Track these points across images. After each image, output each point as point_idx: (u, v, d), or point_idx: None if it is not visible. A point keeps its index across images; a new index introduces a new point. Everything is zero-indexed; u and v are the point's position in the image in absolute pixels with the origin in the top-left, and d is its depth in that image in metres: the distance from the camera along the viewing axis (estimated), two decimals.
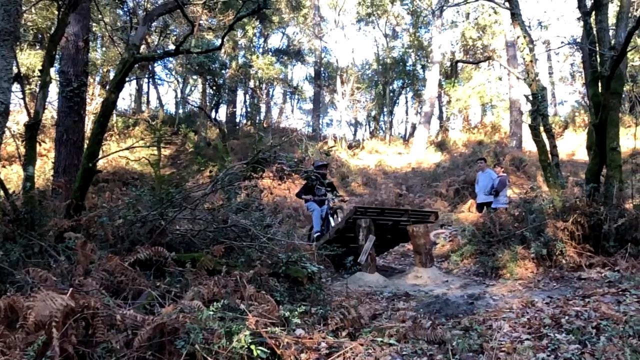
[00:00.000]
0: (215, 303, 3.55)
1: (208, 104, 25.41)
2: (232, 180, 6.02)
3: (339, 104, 28.49)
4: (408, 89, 34.04)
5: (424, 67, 31.36)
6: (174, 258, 4.62)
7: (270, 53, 27.70)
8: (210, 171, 7.39)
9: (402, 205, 15.98)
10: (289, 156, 7.54)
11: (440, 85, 28.50)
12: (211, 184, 5.99)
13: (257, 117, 30.11)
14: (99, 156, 6.29)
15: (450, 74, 30.87)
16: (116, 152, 14.71)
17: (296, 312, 3.88)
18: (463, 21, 30.73)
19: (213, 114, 25.05)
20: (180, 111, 28.42)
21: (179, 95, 28.27)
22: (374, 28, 32.76)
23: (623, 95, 17.61)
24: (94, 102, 18.97)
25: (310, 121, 31.12)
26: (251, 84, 27.08)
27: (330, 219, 9.79)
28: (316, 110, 30.21)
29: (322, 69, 30.38)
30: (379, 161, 23.86)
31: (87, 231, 5.22)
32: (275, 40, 31.40)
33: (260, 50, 28.07)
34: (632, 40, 9.22)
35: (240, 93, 28.53)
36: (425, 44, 30.58)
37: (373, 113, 33.14)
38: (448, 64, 31.38)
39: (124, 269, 4.12)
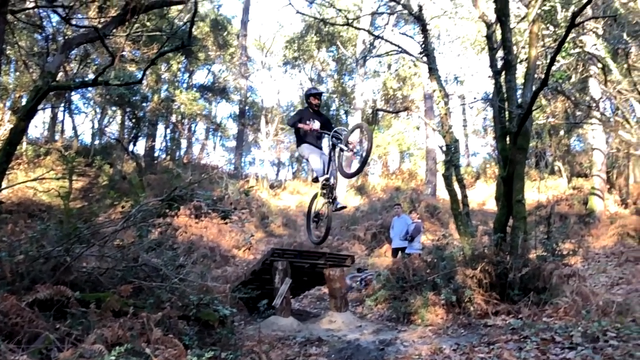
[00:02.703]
0: (118, 347, 3.38)
1: (126, 136, 24.69)
2: (146, 217, 5.83)
3: (262, 143, 28.56)
4: None
5: (347, 113, 32.20)
6: (78, 298, 4.37)
7: (195, 89, 27.50)
8: (123, 207, 7.13)
9: (321, 247, 16.05)
10: (207, 194, 7.44)
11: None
12: (123, 220, 5.78)
13: (177, 153, 29.58)
14: (3, 186, 5.92)
15: (372, 121, 31.84)
16: (23, 182, 13.88)
17: (204, 357, 3.77)
18: (385, 71, 31.98)
19: (131, 147, 24.36)
20: (96, 142, 27.41)
21: (96, 125, 27.34)
22: (300, 72, 33.41)
23: (529, 151, 18.83)
24: (2, 128, 17.96)
25: (233, 159, 30.92)
26: (173, 118, 26.67)
27: (343, 147, 6.81)
28: (239, 149, 30.11)
29: (247, 107, 30.47)
30: (300, 202, 23.96)
31: None
32: (201, 76, 31.33)
33: (185, 85, 27.83)
34: (537, 99, 9.92)
35: (161, 127, 27.97)
36: (349, 90, 31.48)
37: (296, 154, 33.42)
38: (370, 111, 32.40)
39: (20, 310, 3.85)
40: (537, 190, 20.04)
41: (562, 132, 24.26)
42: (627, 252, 12.92)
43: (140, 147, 27.09)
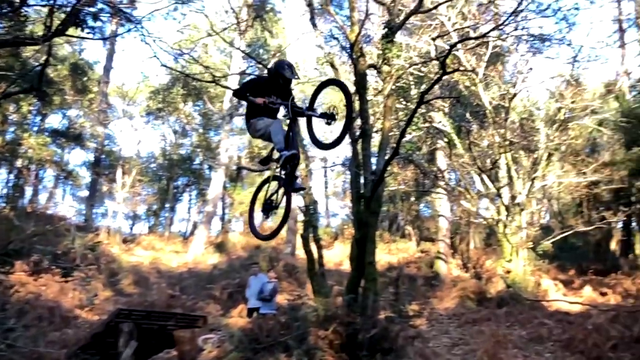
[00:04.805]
0: None
1: None
2: None
3: (117, 194, 27.19)
4: (193, 187, 34.10)
5: (210, 168, 31.88)
6: None
7: (47, 133, 25.73)
8: None
9: (174, 307, 15.35)
10: (47, 249, 6.87)
11: (224, 187, 29.12)
12: None
13: (21, 201, 27.06)
14: None
15: (236, 177, 31.80)
16: None
17: None
18: None
19: None
20: None
21: None
22: (163, 123, 32.73)
23: (383, 215, 19.92)
24: None
25: (83, 210, 28.95)
26: (19, 163, 24.60)
27: (312, 113, 5.42)
28: (91, 199, 28.32)
29: (102, 156, 28.98)
30: (155, 259, 22.93)
31: None
32: (55, 120, 29.33)
33: (35, 128, 25.91)
34: (389, 167, 10.61)
35: (3, 172, 25.62)
36: (214, 145, 31.31)
37: (154, 207, 32.26)
38: (234, 167, 32.40)
39: None
40: (389, 252, 21.15)
41: (412, 199, 26.01)
42: (467, 313, 13.91)
43: None
